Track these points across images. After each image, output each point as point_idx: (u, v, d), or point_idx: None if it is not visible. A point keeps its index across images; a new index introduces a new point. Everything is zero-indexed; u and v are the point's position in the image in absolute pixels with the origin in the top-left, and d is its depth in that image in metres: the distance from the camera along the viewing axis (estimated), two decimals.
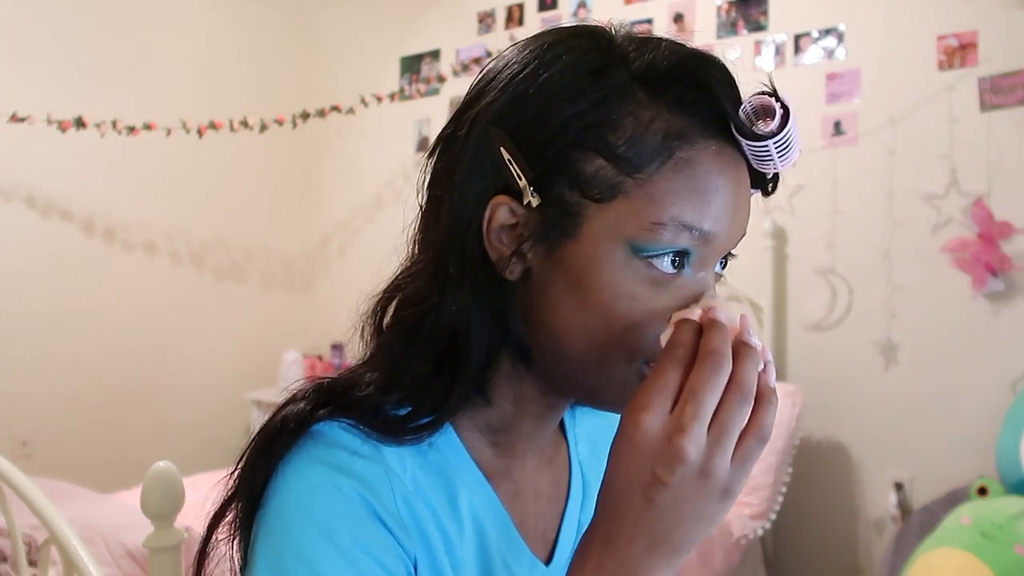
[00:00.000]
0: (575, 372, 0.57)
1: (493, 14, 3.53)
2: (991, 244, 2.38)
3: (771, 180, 0.61)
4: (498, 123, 0.56)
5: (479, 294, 0.56)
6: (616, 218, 0.54)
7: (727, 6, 2.96)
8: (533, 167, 0.55)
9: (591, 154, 0.54)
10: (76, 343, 3.38)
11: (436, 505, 0.57)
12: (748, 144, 0.55)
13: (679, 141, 0.53)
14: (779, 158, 0.56)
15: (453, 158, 0.58)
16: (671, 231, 0.53)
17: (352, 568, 0.52)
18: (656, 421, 0.49)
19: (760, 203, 2.60)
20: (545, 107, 0.54)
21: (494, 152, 0.56)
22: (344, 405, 0.57)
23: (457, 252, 0.57)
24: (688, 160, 0.53)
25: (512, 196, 0.56)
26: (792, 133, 0.55)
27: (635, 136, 0.53)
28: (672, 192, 0.53)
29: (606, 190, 0.54)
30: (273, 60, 4.06)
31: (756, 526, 2.42)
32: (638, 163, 0.53)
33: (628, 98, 0.54)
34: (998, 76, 2.43)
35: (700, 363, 0.49)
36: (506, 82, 0.57)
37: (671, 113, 0.54)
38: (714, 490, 0.49)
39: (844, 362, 2.71)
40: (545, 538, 0.65)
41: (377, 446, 0.56)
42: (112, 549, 1.83)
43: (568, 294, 0.55)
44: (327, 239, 4.12)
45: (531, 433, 0.64)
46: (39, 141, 3.16)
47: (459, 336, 0.57)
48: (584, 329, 0.55)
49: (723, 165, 0.55)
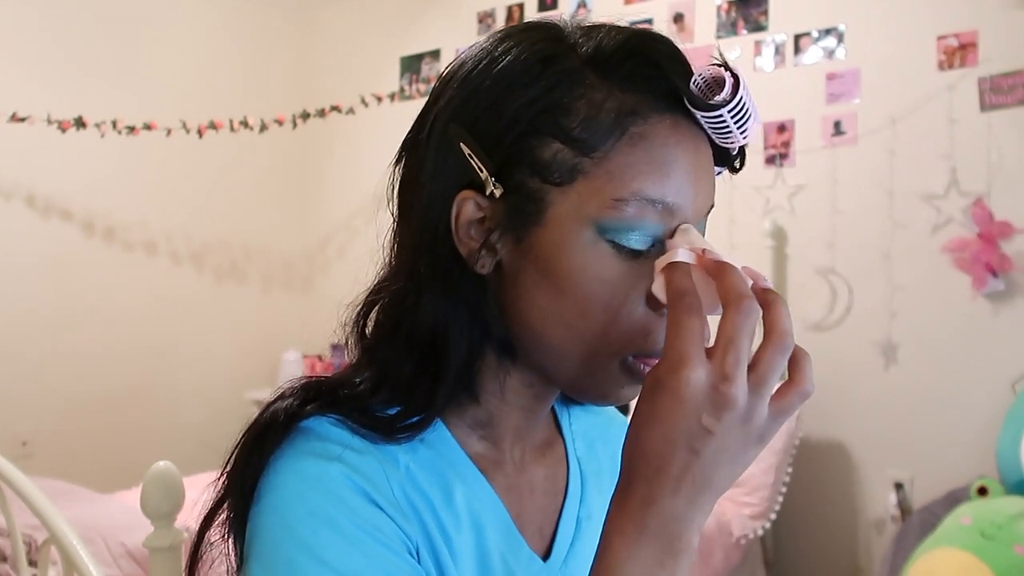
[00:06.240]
0: (559, 364, 0.57)
1: (493, 14, 3.53)
2: (991, 244, 2.38)
3: (737, 155, 0.60)
4: (456, 120, 0.57)
5: (454, 292, 0.57)
6: (579, 199, 0.54)
7: (727, 6, 2.96)
8: (493, 158, 0.55)
9: (547, 139, 0.54)
10: (76, 343, 3.38)
11: (432, 497, 0.58)
12: (704, 117, 0.55)
13: (632, 117, 0.54)
14: (737, 128, 0.55)
15: (418, 161, 0.59)
16: (634, 206, 0.53)
17: (358, 551, 0.51)
18: (699, 373, 0.48)
19: (760, 203, 2.61)
20: (499, 98, 0.55)
21: (455, 149, 0.56)
22: (333, 402, 0.58)
23: (428, 251, 0.57)
24: (643, 134, 0.54)
25: (477, 190, 0.56)
26: (746, 101, 0.55)
27: (589, 117, 0.54)
28: (630, 167, 0.53)
29: (566, 173, 0.54)
30: (273, 60, 4.06)
31: (756, 526, 2.42)
32: (594, 142, 0.54)
33: (579, 81, 0.55)
34: (998, 76, 2.43)
35: (731, 307, 0.48)
36: (462, 80, 0.58)
37: (623, 91, 0.54)
38: (751, 435, 0.49)
39: (844, 362, 2.71)
40: (542, 533, 0.65)
41: (367, 440, 0.56)
42: (112, 549, 1.83)
43: (540, 282, 0.55)
44: (327, 239, 4.12)
45: (520, 426, 0.64)
46: (39, 141, 3.16)
47: (439, 335, 0.57)
48: (560, 317, 0.55)
49: (679, 137, 0.55)
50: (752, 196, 2.83)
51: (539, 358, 0.58)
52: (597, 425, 0.74)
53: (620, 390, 0.58)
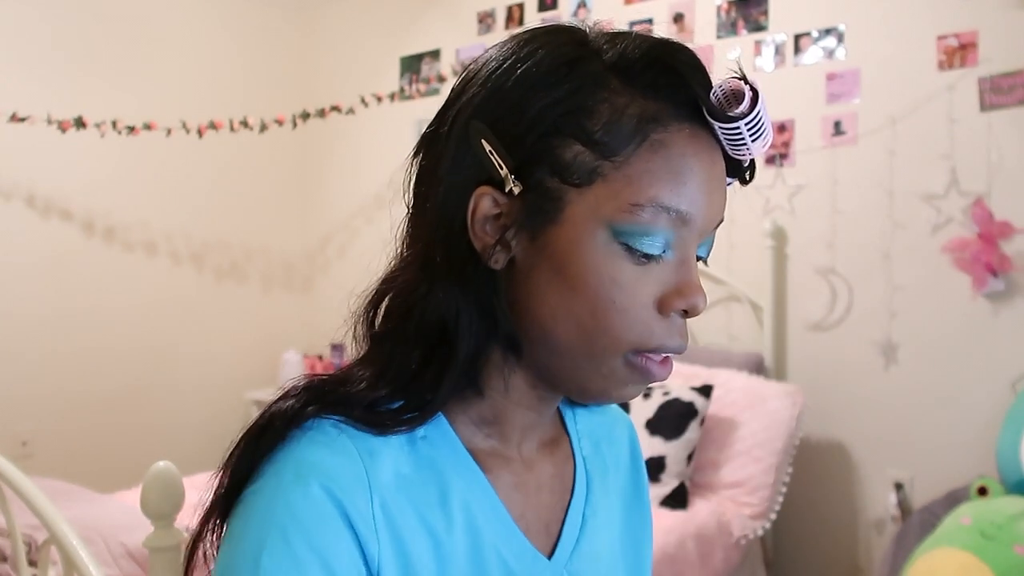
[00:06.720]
0: (564, 362, 0.58)
1: (493, 14, 3.53)
2: (991, 244, 2.38)
3: (747, 168, 0.62)
4: (478, 117, 0.57)
5: (466, 285, 0.58)
6: (596, 201, 0.55)
7: (727, 6, 2.96)
8: (513, 156, 0.56)
9: (569, 140, 0.55)
10: (76, 343, 3.38)
11: (422, 500, 0.58)
12: (721, 128, 0.57)
13: (653, 124, 0.55)
14: (752, 140, 0.57)
15: (437, 154, 0.60)
16: (649, 212, 0.55)
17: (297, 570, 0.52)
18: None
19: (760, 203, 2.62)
20: (523, 98, 0.56)
21: (475, 145, 0.57)
22: (335, 402, 0.58)
23: (443, 244, 0.58)
24: (663, 142, 0.55)
25: (495, 186, 0.57)
26: (763, 115, 0.56)
27: (611, 121, 0.55)
28: (649, 173, 0.55)
29: (585, 174, 0.55)
30: (273, 60, 4.06)
31: (756, 526, 2.42)
32: (615, 146, 0.55)
33: (603, 86, 0.56)
34: (998, 76, 2.43)
35: None
36: (485, 78, 0.59)
37: (645, 98, 0.56)
38: None
39: (844, 362, 2.71)
40: (548, 531, 0.65)
41: (365, 441, 0.57)
42: (112, 549, 1.83)
43: (553, 279, 0.56)
44: (327, 239, 4.12)
45: (525, 425, 0.64)
46: (39, 141, 3.16)
47: (447, 327, 0.58)
48: (570, 315, 0.56)
49: (697, 148, 0.56)
50: (752, 196, 2.83)
51: (545, 356, 0.59)
52: (602, 425, 0.74)
53: (624, 387, 0.59)
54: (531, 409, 0.64)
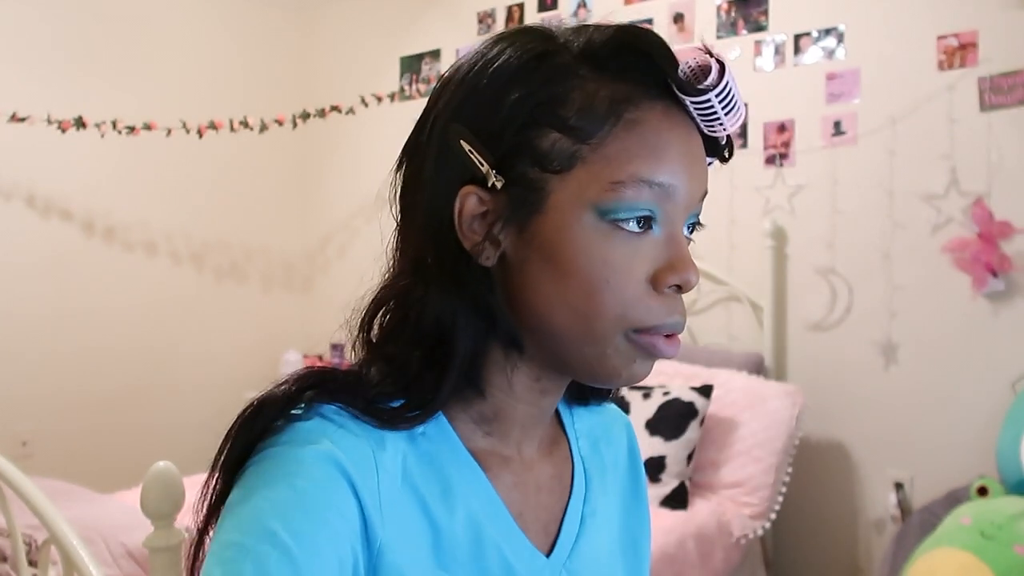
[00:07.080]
0: (568, 348, 0.59)
1: (493, 14, 3.53)
2: (991, 244, 2.38)
3: (725, 146, 0.63)
4: (456, 119, 0.59)
5: (460, 285, 0.58)
6: (578, 185, 0.56)
7: (727, 6, 2.96)
8: (493, 152, 0.57)
9: (545, 129, 0.56)
10: (76, 343, 3.38)
11: (425, 492, 0.58)
12: (692, 103, 0.58)
13: (626, 104, 0.56)
14: (724, 113, 0.58)
15: (419, 162, 0.61)
16: (631, 188, 0.55)
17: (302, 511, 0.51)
18: None
19: (760, 203, 2.61)
20: (497, 95, 0.57)
21: (455, 147, 0.58)
22: (335, 390, 0.58)
23: (434, 247, 0.59)
24: (636, 120, 0.56)
25: (479, 185, 0.58)
26: (732, 87, 0.57)
27: (584, 106, 0.56)
28: (626, 151, 0.56)
29: (564, 160, 0.56)
30: (273, 60, 4.06)
31: (756, 526, 2.42)
32: (590, 130, 0.56)
33: (573, 74, 0.57)
34: (998, 76, 2.43)
35: None
36: (459, 82, 0.60)
37: (615, 82, 0.57)
38: None
39: (844, 362, 2.71)
40: (547, 530, 0.66)
41: (370, 428, 0.57)
42: (112, 549, 1.83)
43: (545, 268, 0.57)
44: (327, 239, 4.12)
45: (526, 423, 0.64)
46: (39, 141, 3.16)
47: (445, 329, 0.58)
48: (566, 301, 0.57)
49: (671, 123, 0.57)
50: (752, 196, 2.83)
51: (548, 345, 0.59)
52: (600, 425, 0.75)
53: (632, 365, 0.59)
54: (533, 405, 0.64)
